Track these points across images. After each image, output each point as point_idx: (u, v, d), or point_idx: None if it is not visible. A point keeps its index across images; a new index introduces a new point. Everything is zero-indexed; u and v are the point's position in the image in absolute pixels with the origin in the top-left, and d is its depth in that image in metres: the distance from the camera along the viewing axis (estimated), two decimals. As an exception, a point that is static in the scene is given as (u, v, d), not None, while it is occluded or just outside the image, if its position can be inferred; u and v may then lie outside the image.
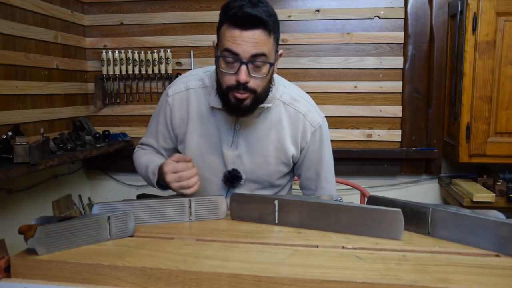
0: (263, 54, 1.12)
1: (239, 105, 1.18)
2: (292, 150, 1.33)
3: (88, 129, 2.43)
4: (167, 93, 1.37)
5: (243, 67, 1.12)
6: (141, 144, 1.48)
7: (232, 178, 1.32)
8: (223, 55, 1.14)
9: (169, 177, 1.19)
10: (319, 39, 2.51)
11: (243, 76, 1.12)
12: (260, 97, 1.21)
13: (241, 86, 1.14)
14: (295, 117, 1.32)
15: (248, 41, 1.10)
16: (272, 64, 1.16)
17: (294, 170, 1.42)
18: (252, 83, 1.15)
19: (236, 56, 1.12)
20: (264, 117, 1.30)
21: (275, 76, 1.31)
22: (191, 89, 1.34)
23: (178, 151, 1.41)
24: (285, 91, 1.33)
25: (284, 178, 1.40)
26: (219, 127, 1.31)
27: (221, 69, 1.16)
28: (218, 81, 1.22)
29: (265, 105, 1.26)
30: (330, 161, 1.40)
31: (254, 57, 1.12)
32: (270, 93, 1.27)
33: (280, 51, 1.23)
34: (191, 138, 1.34)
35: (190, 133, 1.34)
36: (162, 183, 1.27)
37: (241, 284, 0.81)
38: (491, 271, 0.83)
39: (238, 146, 1.31)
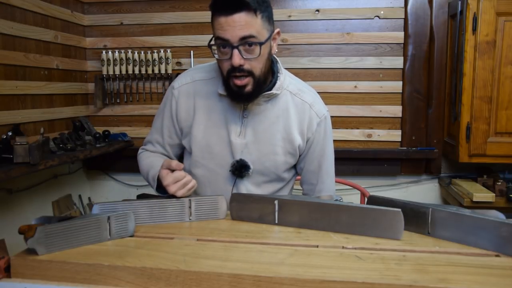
0: (251, 36, 1.14)
1: (241, 91, 1.21)
2: (298, 140, 1.34)
3: (88, 129, 2.43)
4: (173, 86, 1.38)
5: (235, 51, 1.15)
6: (146, 143, 1.48)
7: (240, 167, 1.31)
8: (216, 43, 1.18)
9: (172, 188, 1.20)
10: (319, 39, 2.51)
11: (236, 59, 1.15)
12: (260, 80, 1.23)
13: (237, 70, 1.17)
14: (301, 107, 1.34)
15: (233, 25, 1.12)
16: (262, 44, 1.17)
17: (296, 164, 1.42)
18: (248, 65, 1.18)
19: (226, 42, 1.15)
20: (271, 105, 1.31)
21: (282, 69, 1.33)
22: (198, 81, 1.35)
23: (182, 147, 1.41)
24: (291, 82, 1.36)
25: (289, 171, 1.41)
26: (227, 116, 1.31)
27: (217, 58, 1.20)
28: (221, 70, 1.25)
29: (273, 91, 1.28)
30: (332, 156, 1.42)
31: (244, 39, 1.14)
32: (278, 81, 1.30)
33: (277, 30, 1.25)
34: (198, 129, 1.34)
35: (196, 125, 1.34)
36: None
37: (241, 284, 0.81)
38: (491, 271, 0.83)
39: (246, 135, 1.31)
